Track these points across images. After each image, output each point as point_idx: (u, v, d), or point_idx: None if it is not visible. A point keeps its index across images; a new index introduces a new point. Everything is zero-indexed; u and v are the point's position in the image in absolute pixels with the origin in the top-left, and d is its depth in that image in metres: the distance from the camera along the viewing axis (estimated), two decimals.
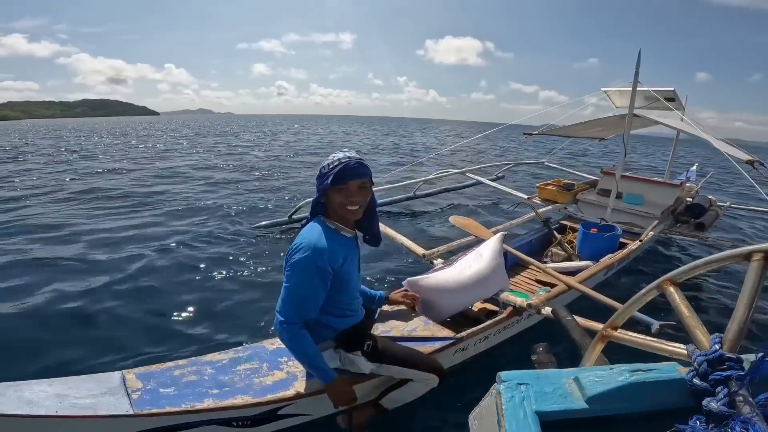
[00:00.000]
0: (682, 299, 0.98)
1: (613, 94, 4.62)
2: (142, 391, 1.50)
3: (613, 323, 1.20)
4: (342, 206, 1.51)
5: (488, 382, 0.89)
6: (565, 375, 0.82)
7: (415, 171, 9.49)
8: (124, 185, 8.05)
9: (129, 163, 11.66)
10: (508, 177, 8.98)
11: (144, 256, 4.01)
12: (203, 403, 1.50)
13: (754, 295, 0.85)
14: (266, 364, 1.78)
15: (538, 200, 5.04)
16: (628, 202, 4.60)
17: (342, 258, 1.54)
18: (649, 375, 0.81)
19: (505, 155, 16.01)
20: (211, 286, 3.48)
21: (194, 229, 4.98)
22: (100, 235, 4.73)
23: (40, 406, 1.26)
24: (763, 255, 0.87)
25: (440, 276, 2.51)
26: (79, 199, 6.70)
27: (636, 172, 8.06)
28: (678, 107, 4.22)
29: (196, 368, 1.70)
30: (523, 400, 0.74)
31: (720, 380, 0.77)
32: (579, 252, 3.74)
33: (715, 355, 0.80)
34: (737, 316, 0.84)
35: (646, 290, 1.07)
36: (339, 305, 1.66)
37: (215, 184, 8.41)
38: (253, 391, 1.62)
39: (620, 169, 4.32)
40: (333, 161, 1.48)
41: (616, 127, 4.80)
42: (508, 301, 2.41)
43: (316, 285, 1.49)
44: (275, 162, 12.68)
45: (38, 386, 1.34)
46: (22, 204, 6.30)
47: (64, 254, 4.03)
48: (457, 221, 3.56)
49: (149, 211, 5.96)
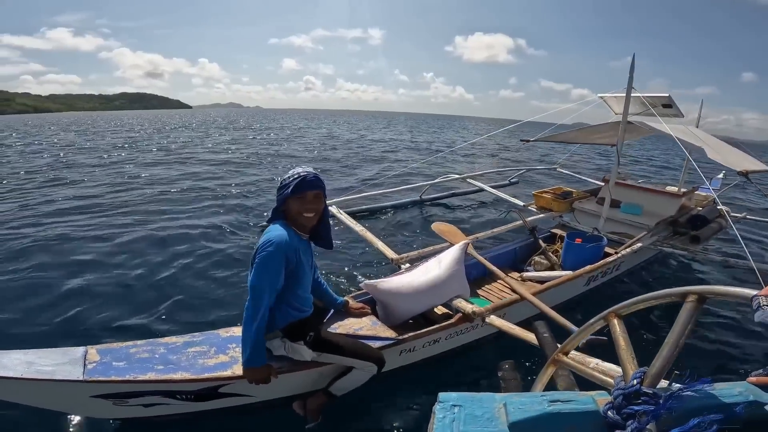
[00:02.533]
0: (623, 332, 1.02)
1: (610, 100, 4.50)
2: (97, 363, 1.74)
3: (564, 348, 1.26)
4: (299, 213, 1.74)
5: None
6: (498, 399, 0.86)
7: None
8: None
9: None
10: (522, 182, 8.85)
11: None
12: (146, 375, 1.72)
13: (682, 335, 0.88)
14: (214, 349, 1.97)
15: (534, 208, 4.98)
16: (625, 212, 4.47)
17: (299, 254, 1.77)
18: (566, 406, 0.84)
19: (530, 156, 15.71)
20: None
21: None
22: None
23: (10, 370, 1.53)
24: (696, 297, 0.90)
25: (398, 280, 2.58)
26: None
27: (648, 180, 7.75)
28: (675, 114, 4.06)
29: (150, 348, 1.92)
30: (453, 422, 0.80)
31: (631, 414, 0.80)
32: (563, 262, 3.68)
33: (632, 389, 0.83)
34: (663, 354, 0.86)
35: (594, 320, 1.13)
36: (292, 300, 1.84)
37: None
38: (194, 369, 1.82)
39: (614, 177, 4.22)
40: (293, 175, 1.73)
41: (612, 133, 4.67)
42: (458, 307, 2.44)
43: (279, 273, 1.70)
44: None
45: (15, 355, 1.63)
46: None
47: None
48: (438, 227, 3.60)
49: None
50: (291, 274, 1.75)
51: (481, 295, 3.21)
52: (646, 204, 4.48)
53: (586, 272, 3.14)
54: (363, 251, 4.41)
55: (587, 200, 4.94)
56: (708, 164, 3.55)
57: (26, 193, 7.29)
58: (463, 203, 7.31)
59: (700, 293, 0.90)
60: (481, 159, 15.47)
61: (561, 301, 3.14)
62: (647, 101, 3.86)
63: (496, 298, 3.14)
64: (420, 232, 5.36)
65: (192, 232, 5.07)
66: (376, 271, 3.92)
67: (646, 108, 3.91)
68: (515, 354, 2.12)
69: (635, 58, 3.70)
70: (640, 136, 4.76)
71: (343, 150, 16.42)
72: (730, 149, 4.02)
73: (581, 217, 4.65)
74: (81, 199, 6.81)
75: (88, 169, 9.98)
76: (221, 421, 2.04)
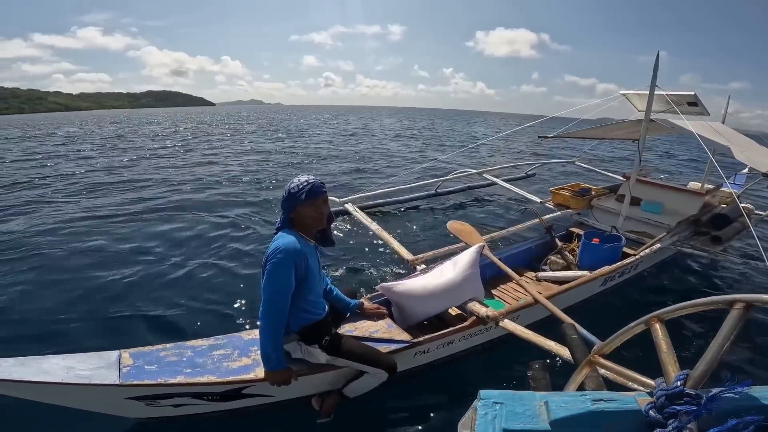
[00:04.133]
0: (665, 336, 1.04)
1: (633, 98, 4.39)
2: (131, 367, 1.85)
3: (601, 350, 1.28)
4: (312, 217, 1.83)
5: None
6: (538, 398, 0.89)
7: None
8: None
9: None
10: (538, 175, 8.74)
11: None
12: (176, 378, 1.83)
13: (727, 340, 0.90)
14: (237, 351, 2.07)
15: (551, 205, 4.92)
16: (645, 210, 4.39)
17: (308, 260, 1.82)
18: (608, 405, 0.86)
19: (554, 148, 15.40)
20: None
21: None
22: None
23: (51, 375, 1.64)
24: (744, 305, 0.92)
25: (412, 283, 2.62)
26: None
27: (671, 176, 7.55)
28: (700, 112, 3.94)
29: (178, 351, 2.02)
30: (494, 418, 0.84)
31: (673, 414, 0.82)
32: (579, 261, 3.66)
33: (675, 391, 0.85)
34: (707, 357, 0.88)
35: (635, 324, 1.14)
36: (304, 304, 1.91)
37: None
38: (220, 372, 1.92)
39: (635, 174, 4.13)
40: (301, 183, 1.80)
41: (634, 131, 4.57)
42: (473, 310, 2.47)
43: (290, 279, 1.76)
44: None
45: (54, 359, 1.74)
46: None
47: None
48: (453, 227, 3.60)
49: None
50: (301, 280, 1.82)
51: (495, 295, 3.22)
52: (667, 202, 4.39)
53: (604, 274, 3.12)
54: (378, 250, 4.45)
55: (606, 197, 4.86)
56: (734, 160, 3.44)
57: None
58: (479, 199, 7.28)
59: (748, 301, 0.91)
60: (505, 155, 15.25)
61: (576, 301, 3.13)
62: (671, 99, 3.76)
63: (511, 299, 3.16)
64: (435, 230, 5.38)
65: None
66: (391, 272, 3.96)
67: (670, 106, 3.81)
68: (530, 353, 2.12)
69: (659, 56, 3.60)
70: (662, 133, 4.64)
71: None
72: (760, 148, 3.89)
73: (600, 215, 4.59)
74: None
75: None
76: (243, 417, 2.14)
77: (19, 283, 3.55)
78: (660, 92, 3.76)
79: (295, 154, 13.36)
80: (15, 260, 4.03)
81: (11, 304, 3.22)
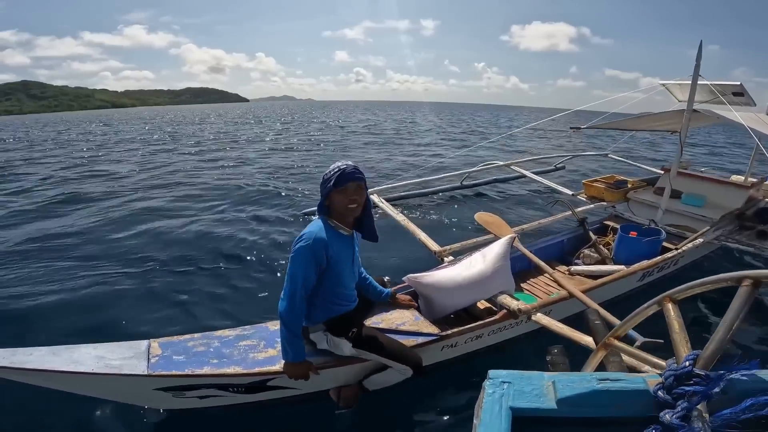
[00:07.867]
0: (677, 316, 1.03)
1: (673, 88, 4.18)
2: (159, 357, 1.85)
3: (615, 333, 1.28)
4: (343, 205, 1.76)
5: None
6: (546, 378, 0.90)
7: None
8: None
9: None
10: (568, 168, 8.48)
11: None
12: (203, 369, 1.83)
13: (736, 319, 0.88)
14: (263, 342, 2.06)
15: (584, 197, 4.77)
16: (686, 203, 4.19)
17: (336, 250, 1.77)
18: (615, 384, 0.87)
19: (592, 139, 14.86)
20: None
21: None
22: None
23: (82, 365, 1.65)
24: (752, 282, 0.90)
25: (440, 275, 2.58)
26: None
27: (713, 168, 7.17)
28: (746, 102, 3.72)
29: (206, 341, 2.03)
30: (502, 397, 0.86)
31: (681, 394, 0.81)
32: (615, 256, 3.53)
33: (684, 371, 0.84)
34: (717, 337, 0.87)
35: (648, 304, 1.14)
36: (333, 295, 1.90)
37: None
38: (246, 363, 1.91)
39: (676, 166, 3.95)
40: (333, 169, 1.75)
41: (675, 122, 4.36)
42: (503, 303, 2.42)
43: (312, 269, 1.73)
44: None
45: (85, 349, 1.74)
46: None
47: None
48: (481, 218, 3.53)
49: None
50: (329, 271, 1.79)
51: (525, 289, 3.15)
52: (709, 195, 4.17)
53: (643, 268, 3.00)
54: (405, 242, 4.40)
55: (643, 190, 4.67)
56: None
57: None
58: (506, 191, 7.12)
59: (755, 278, 0.90)
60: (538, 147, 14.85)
61: (611, 296, 3.02)
62: (716, 89, 3.57)
63: (542, 293, 3.08)
64: (462, 221, 5.29)
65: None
66: (418, 264, 3.91)
67: (713, 96, 3.62)
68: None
69: (702, 45, 3.43)
70: (704, 124, 4.42)
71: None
72: None
73: (636, 208, 4.41)
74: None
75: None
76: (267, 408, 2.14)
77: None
78: (703, 82, 3.57)
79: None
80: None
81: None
